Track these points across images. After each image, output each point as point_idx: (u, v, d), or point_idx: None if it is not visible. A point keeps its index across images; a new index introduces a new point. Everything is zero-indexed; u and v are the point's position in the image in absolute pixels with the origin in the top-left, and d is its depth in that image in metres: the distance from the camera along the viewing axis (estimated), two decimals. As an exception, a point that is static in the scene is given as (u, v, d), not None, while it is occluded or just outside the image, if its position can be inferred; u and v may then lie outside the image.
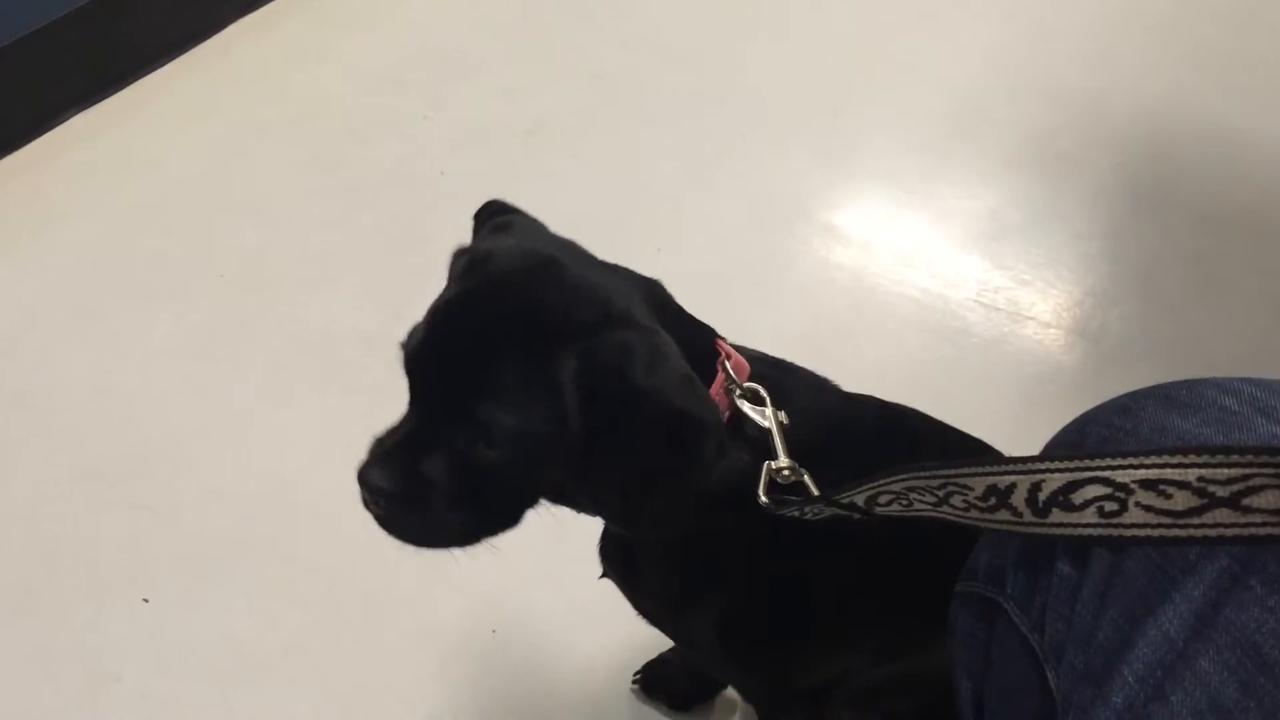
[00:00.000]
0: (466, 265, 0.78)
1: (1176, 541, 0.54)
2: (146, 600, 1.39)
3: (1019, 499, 0.61)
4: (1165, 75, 2.20)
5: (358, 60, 2.27)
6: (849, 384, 0.93)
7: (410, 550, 0.80)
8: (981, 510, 0.64)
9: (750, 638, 0.91)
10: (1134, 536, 0.56)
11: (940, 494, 0.66)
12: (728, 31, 2.37)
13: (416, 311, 0.78)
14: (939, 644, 0.98)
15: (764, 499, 0.78)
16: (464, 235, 1.99)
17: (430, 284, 0.82)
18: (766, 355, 0.87)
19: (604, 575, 0.99)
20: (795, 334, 1.67)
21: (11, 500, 1.50)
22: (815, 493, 0.77)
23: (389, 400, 0.80)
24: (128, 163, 2.04)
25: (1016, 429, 1.03)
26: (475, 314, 0.74)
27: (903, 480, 0.69)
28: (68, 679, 1.31)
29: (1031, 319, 1.72)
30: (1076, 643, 0.57)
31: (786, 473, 0.78)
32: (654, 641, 1.30)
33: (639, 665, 1.30)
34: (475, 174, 2.00)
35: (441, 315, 0.76)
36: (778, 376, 0.84)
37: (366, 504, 0.78)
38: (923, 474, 0.67)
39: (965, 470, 0.64)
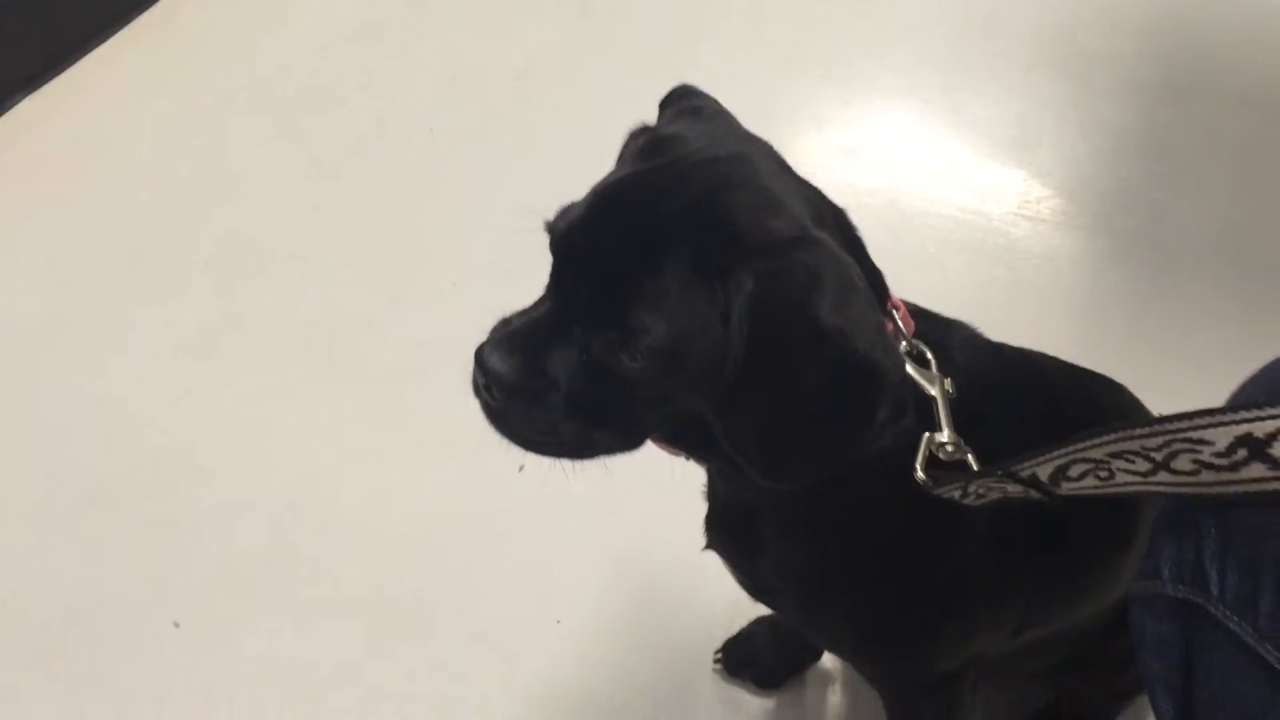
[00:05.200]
0: (648, 145, 0.68)
1: None
2: (177, 625, 1.28)
3: None
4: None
5: (321, 11, 2.09)
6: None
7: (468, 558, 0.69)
8: (1220, 470, 0.52)
9: (886, 623, 0.82)
10: None
11: (1159, 457, 0.55)
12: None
13: (419, 291, 0.67)
14: (1081, 607, 0.90)
15: (921, 475, 0.68)
16: (464, 195, 1.86)
17: (431, 256, 0.70)
18: (921, 308, 0.77)
19: (708, 547, 0.90)
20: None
21: (18, 539, 1.37)
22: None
23: (403, 387, 0.68)
24: (85, 149, 1.87)
25: (1085, 349, 0.94)
26: (649, 202, 0.64)
27: (1110, 443, 0.57)
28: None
29: (1079, 228, 1.62)
30: None
31: (950, 449, 0.68)
32: (733, 618, 1.21)
33: (718, 644, 1.21)
34: (466, 128, 1.86)
35: (609, 196, 0.66)
36: (940, 335, 0.74)
37: (476, 389, 0.69)
38: (1140, 432, 0.55)
39: (1205, 420, 0.52)
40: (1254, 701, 0.52)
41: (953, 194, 1.68)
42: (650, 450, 0.76)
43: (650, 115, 1.99)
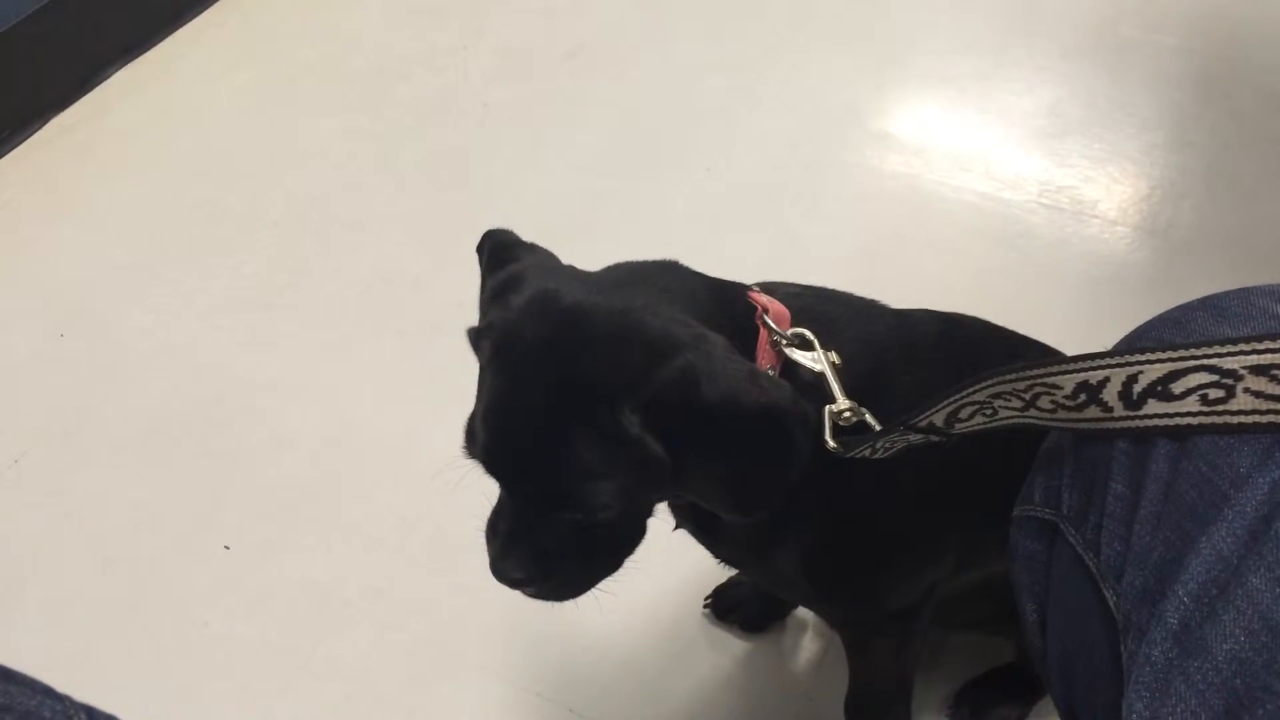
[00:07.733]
0: (493, 353, 0.73)
1: None
2: (228, 548, 1.43)
3: (1111, 394, 0.59)
4: (1232, -52, 2.09)
5: (391, -7, 2.24)
6: (909, 298, 0.90)
7: (485, 502, 0.80)
8: (1069, 410, 0.62)
9: (836, 572, 0.90)
10: (1241, 424, 0.53)
11: (1027, 397, 0.64)
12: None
13: (461, 255, 0.76)
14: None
15: (831, 444, 0.76)
16: (508, 169, 1.96)
17: (475, 222, 0.80)
18: (806, 287, 0.84)
19: (677, 528, 0.99)
20: (851, 247, 1.64)
21: (89, 460, 1.54)
22: (878, 429, 0.76)
23: (442, 341, 0.79)
24: (173, 117, 2.04)
25: (1087, 334, 1.00)
26: (526, 407, 0.71)
27: (989, 387, 0.66)
28: (159, 627, 1.36)
29: (1096, 217, 1.67)
30: (1135, 563, 0.56)
31: (848, 414, 0.76)
32: (722, 567, 1.31)
33: (709, 590, 1.31)
34: (518, 103, 1.98)
35: (495, 417, 0.73)
36: (823, 308, 0.81)
37: (514, 587, 0.79)
38: (1010, 377, 0.64)
39: (1055, 369, 0.62)
40: (1078, 598, 0.62)
41: (975, 181, 1.74)
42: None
43: (692, 95, 2.04)
